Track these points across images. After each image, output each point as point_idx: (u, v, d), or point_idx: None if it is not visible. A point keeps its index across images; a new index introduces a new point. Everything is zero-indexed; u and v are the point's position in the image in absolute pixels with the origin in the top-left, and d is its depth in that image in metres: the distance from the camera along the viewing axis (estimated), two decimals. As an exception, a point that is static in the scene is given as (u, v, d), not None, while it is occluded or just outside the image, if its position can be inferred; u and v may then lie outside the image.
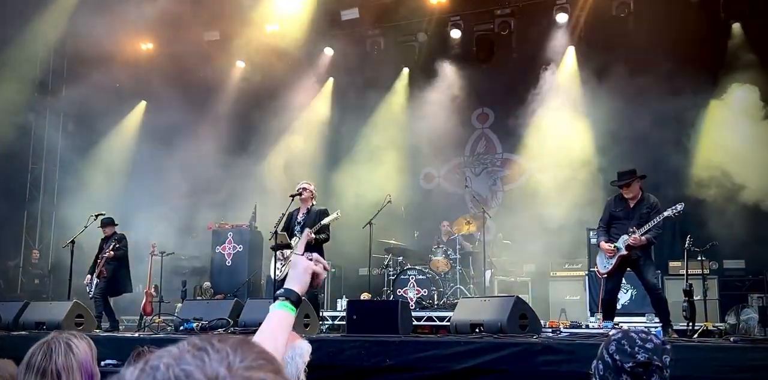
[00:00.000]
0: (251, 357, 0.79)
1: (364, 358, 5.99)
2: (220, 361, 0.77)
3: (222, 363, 0.76)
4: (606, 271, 7.31)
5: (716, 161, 10.00)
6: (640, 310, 9.28)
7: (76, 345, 2.44)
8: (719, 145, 10.17)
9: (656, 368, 1.95)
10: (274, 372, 0.79)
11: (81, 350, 2.44)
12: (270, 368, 0.79)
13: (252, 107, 13.94)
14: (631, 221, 7.16)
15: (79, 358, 2.42)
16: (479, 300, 7.92)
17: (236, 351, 0.79)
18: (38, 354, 2.39)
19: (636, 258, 7.08)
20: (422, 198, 12.79)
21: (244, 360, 0.77)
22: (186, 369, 0.75)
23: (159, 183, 13.32)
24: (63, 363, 2.37)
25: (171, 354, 0.78)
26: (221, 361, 0.77)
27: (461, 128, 12.96)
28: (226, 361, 0.77)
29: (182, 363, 0.76)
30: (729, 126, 10.20)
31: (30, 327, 8.01)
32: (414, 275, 10.53)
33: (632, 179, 7.19)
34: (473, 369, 5.60)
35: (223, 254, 12.34)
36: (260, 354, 0.80)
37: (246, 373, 0.76)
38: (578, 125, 11.59)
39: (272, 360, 0.81)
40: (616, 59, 10.87)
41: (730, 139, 10.11)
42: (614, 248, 7.18)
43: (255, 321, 7.21)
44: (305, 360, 2.82)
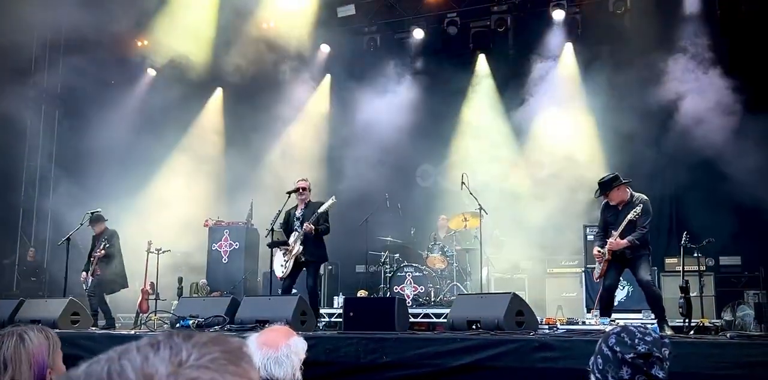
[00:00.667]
0: (212, 355, 0.71)
1: (360, 355, 5.98)
2: (167, 359, 0.69)
3: (168, 360, 0.69)
4: (598, 275, 7.38)
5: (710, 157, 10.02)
6: (636, 307, 9.29)
7: (29, 338, 2.45)
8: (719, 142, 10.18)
9: (656, 359, 1.95)
10: (234, 374, 0.70)
11: (34, 342, 2.45)
12: (231, 369, 0.71)
13: (248, 103, 13.91)
14: (619, 225, 7.16)
15: (30, 350, 2.42)
16: (476, 296, 7.92)
17: (195, 348, 0.71)
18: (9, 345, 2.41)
19: (631, 258, 7.09)
20: (419, 195, 12.77)
21: (200, 358, 0.70)
22: (123, 364, 0.69)
23: (155, 180, 13.30)
24: (11, 354, 2.39)
25: (123, 348, 0.72)
26: (168, 359, 0.69)
27: (458, 125, 12.95)
28: (176, 359, 0.69)
29: (124, 357, 0.70)
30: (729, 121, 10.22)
31: (25, 325, 7.98)
32: (410, 273, 10.54)
33: (609, 189, 7.19)
34: (470, 366, 5.60)
35: (220, 251, 12.32)
36: (226, 352, 0.73)
37: (195, 372, 0.69)
38: (576, 120, 11.59)
39: (238, 360, 0.73)
40: (613, 56, 10.88)
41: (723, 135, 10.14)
42: (601, 254, 7.25)
43: (251, 318, 7.21)
44: (301, 357, 2.81)
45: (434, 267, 10.62)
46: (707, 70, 10.46)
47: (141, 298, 10.36)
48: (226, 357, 0.72)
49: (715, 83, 10.30)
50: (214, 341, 0.74)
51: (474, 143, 12.85)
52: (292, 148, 13.59)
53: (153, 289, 10.83)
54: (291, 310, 7.03)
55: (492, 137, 12.53)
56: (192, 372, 0.69)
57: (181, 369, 0.69)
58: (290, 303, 7.25)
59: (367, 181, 12.36)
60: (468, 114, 13.01)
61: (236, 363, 0.72)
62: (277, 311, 7.11)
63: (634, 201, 7.16)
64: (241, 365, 0.72)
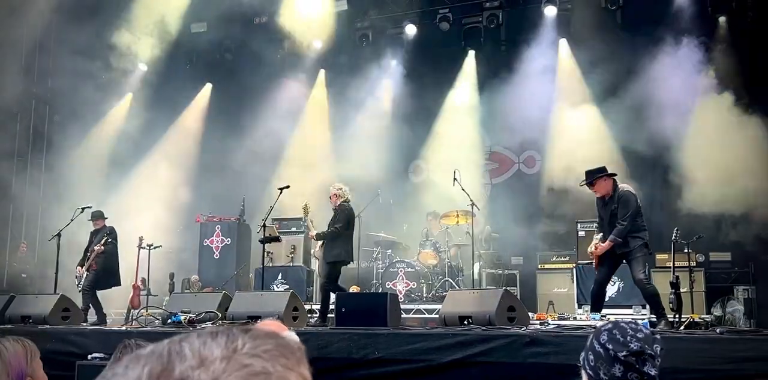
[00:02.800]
0: (266, 345, 0.75)
1: (353, 350, 5.99)
2: (223, 345, 0.74)
3: (224, 346, 0.74)
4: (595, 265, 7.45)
5: (704, 153, 10.07)
6: (627, 302, 9.34)
7: (5, 347, 2.48)
8: (707, 139, 10.23)
9: (648, 356, 1.95)
10: (284, 366, 0.75)
11: (10, 351, 2.47)
12: (282, 361, 0.75)
13: (241, 98, 13.87)
14: (605, 219, 7.21)
15: (7, 359, 2.44)
16: (468, 292, 7.94)
17: (251, 339, 0.76)
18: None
19: (626, 253, 7.09)
20: (411, 191, 12.78)
21: (256, 348, 0.75)
22: (182, 345, 0.74)
23: (146, 175, 13.25)
24: None
25: (186, 334, 0.78)
26: (224, 345, 0.74)
27: (450, 121, 12.96)
28: (232, 346, 0.74)
29: (185, 341, 0.75)
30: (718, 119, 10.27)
31: (16, 321, 7.96)
32: (403, 268, 10.55)
33: (594, 178, 7.19)
34: (462, 361, 5.62)
35: (211, 247, 12.29)
36: (279, 345, 0.77)
37: (247, 360, 0.73)
38: (567, 117, 11.62)
39: (290, 353, 0.77)
40: (605, 52, 10.89)
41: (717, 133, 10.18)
42: (590, 254, 7.38)
43: (243, 314, 7.20)
44: (293, 351, 2.82)
45: (426, 263, 10.63)
46: (699, 67, 10.52)
47: (132, 294, 10.33)
48: (279, 349, 0.76)
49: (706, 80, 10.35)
50: (270, 335, 0.79)
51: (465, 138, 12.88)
52: (285, 143, 13.56)
53: (144, 285, 10.80)
54: (283, 305, 7.03)
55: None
56: (245, 359, 0.73)
57: (236, 355, 0.73)
58: (282, 299, 7.25)
59: (359, 177, 12.36)
60: (458, 109, 13.03)
61: (288, 356, 0.77)
62: (269, 306, 7.11)
63: (616, 195, 7.17)
64: (291, 358, 0.77)
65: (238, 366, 0.72)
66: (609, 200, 7.20)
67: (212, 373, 0.71)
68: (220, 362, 0.72)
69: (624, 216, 7.01)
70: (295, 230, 11.73)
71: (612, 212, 7.10)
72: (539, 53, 11.99)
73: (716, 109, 10.34)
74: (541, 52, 12.00)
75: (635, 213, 7.08)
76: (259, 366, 0.73)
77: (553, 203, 11.70)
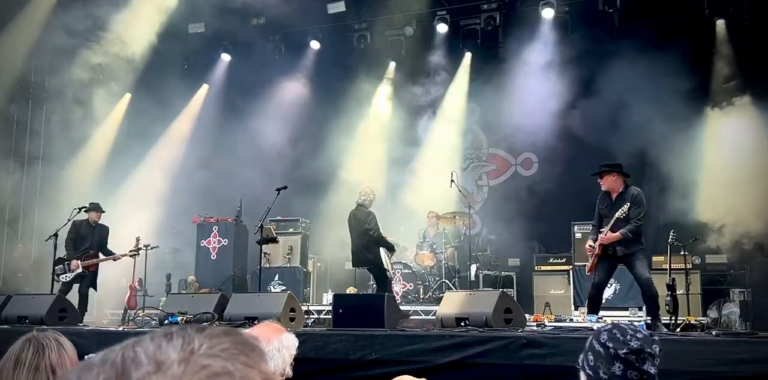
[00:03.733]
0: (223, 345, 0.73)
1: (350, 352, 5.99)
2: (179, 347, 0.72)
3: (180, 348, 0.72)
4: (588, 268, 7.40)
5: (703, 156, 10.11)
6: (623, 304, 9.36)
7: (64, 343, 2.48)
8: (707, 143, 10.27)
9: (648, 355, 1.97)
10: (244, 364, 0.72)
11: (68, 346, 2.50)
12: (242, 359, 0.73)
13: (237, 99, 13.87)
14: (608, 218, 7.15)
15: (70, 354, 2.46)
16: (465, 294, 7.94)
17: (207, 339, 0.73)
18: (28, 349, 2.42)
19: (627, 254, 7.08)
20: (408, 192, 12.79)
21: (213, 348, 0.72)
22: (137, 350, 0.72)
23: (143, 175, 13.24)
24: (56, 359, 2.41)
25: (138, 338, 0.75)
26: (180, 347, 0.72)
27: (447, 122, 12.98)
28: (189, 347, 0.72)
29: (138, 345, 0.73)
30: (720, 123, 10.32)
31: (12, 321, 7.94)
32: (400, 270, 10.57)
33: (606, 170, 7.18)
34: (458, 363, 5.63)
35: (208, 248, 12.29)
36: (236, 343, 0.74)
37: (205, 361, 0.71)
38: (565, 119, 11.64)
39: (249, 351, 0.75)
40: (602, 55, 10.92)
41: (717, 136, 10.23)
42: (591, 248, 7.25)
43: (240, 315, 7.20)
44: (292, 353, 2.82)
45: (423, 264, 10.65)
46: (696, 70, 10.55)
47: (129, 295, 10.33)
48: (237, 347, 0.74)
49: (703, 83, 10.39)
50: (226, 332, 0.76)
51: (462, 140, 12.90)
52: (282, 143, 13.56)
53: (141, 285, 10.80)
54: (280, 306, 7.03)
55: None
56: (203, 360, 0.71)
57: (193, 356, 0.71)
58: (279, 300, 7.25)
59: (356, 177, 12.37)
60: (456, 110, 13.06)
61: (247, 354, 0.74)
62: (266, 307, 7.11)
63: (627, 194, 7.17)
64: (251, 356, 0.74)
65: (197, 367, 0.70)
66: (618, 199, 7.17)
67: (171, 378, 0.69)
68: (178, 365, 0.70)
69: (638, 216, 7.01)
70: (293, 231, 11.75)
71: (622, 210, 7.07)
72: (537, 55, 12.02)
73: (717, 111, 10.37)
74: (539, 54, 12.02)
75: (645, 216, 7.10)
76: (219, 366, 0.71)
77: (550, 205, 11.72)
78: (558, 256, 10.80)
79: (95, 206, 9.82)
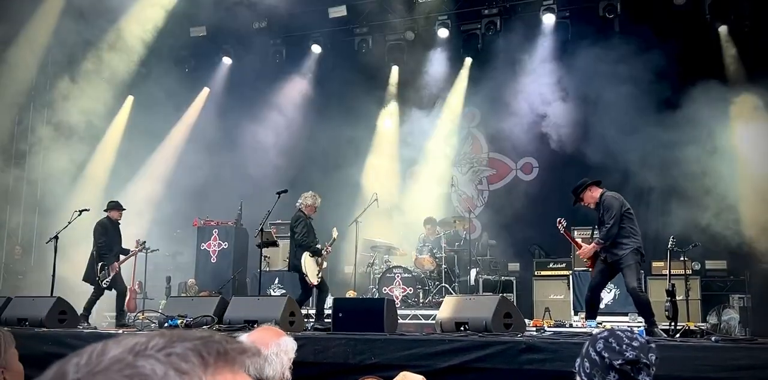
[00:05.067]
0: (173, 348, 0.69)
1: (349, 356, 6.00)
2: (131, 345, 0.69)
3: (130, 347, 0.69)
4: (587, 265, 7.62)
5: (703, 163, 10.11)
6: (623, 309, 9.36)
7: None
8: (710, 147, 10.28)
9: (644, 365, 1.98)
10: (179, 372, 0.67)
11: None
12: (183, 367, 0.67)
13: (238, 102, 13.89)
14: (598, 226, 7.34)
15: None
16: (464, 298, 7.95)
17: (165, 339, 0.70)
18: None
19: (616, 261, 7.13)
20: (408, 197, 12.81)
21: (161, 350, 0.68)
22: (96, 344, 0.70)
23: (144, 179, 13.25)
24: None
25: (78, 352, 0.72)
26: (132, 345, 0.69)
27: (448, 126, 13.00)
28: (141, 346, 0.69)
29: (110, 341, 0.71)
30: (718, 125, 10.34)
31: (12, 323, 7.93)
32: (400, 274, 10.56)
33: (579, 194, 7.32)
34: (458, 367, 5.63)
35: (208, 251, 12.29)
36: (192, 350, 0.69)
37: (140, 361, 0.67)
38: (565, 124, 11.66)
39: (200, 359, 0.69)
40: (602, 60, 10.93)
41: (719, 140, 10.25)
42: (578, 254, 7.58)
43: (240, 318, 7.20)
44: (290, 356, 2.83)
45: (423, 269, 10.65)
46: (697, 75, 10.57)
47: (129, 297, 10.32)
48: (188, 353, 0.69)
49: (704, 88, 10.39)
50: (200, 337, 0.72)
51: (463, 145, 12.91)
52: (282, 147, 13.58)
53: (141, 288, 10.80)
54: (280, 310, 7.03)
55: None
56: (139, 361, 0.68)
57: (131, 356, 0.68)
58: (279, 304, 7.25)
59: (356, 182, 12.39)
60: (456, 115, 13.08)
61: (192, 362, 0.69)
62: (265, 311, 7.11)
63: (602, 201, 7.23)
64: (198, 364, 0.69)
65: (122, 365, 0.67)
66: (597, 208, 7.29)
67: (86, 368, 0.67)
68: (109, 361, 0.67)
69: (608, 219, 7.08)
70: (292, 234, 11.74)
71: (600, 218, 7.19)
72: (537, 60, 12.05)
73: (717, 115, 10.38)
74: (540, 59, 12.05)
75: (620, 217, 7.08)
76: (148, 368, 0.67)
77: (550, 209, 11.72)
78: (558, 261, 10.80)
79: (116, 204, 9.82)
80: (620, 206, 7.12)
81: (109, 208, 9.73)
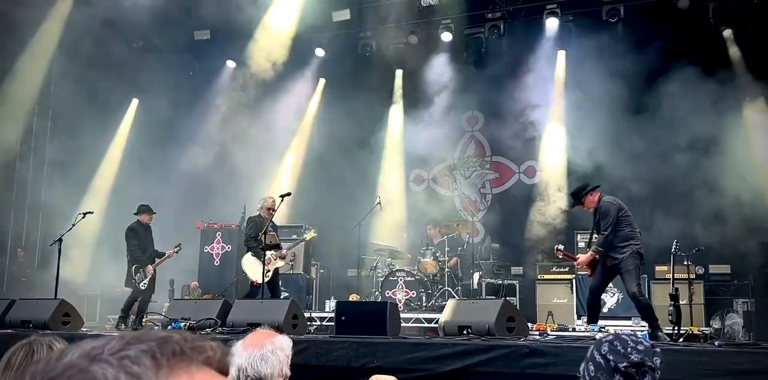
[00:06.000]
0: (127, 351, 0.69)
1: (352, 359, 5.99)
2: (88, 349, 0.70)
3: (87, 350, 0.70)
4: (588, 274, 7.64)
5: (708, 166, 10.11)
6: (626, 314, 9.35)
7: (57, 348, 2.47)
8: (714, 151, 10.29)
9: (649, 369, 1.98)
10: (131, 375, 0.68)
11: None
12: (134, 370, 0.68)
13: (242, 106, 13.91)
14: (594, 231, 7.36)
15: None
16: (467, 302, 7.93)
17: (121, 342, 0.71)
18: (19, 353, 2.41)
19: (615, 264, 7.13)
20: (412, 200, 12.82)
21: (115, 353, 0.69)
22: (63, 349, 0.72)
23: (148, 182, 13.26)
24: None
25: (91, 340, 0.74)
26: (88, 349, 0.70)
27: (451, 130, 13.01)
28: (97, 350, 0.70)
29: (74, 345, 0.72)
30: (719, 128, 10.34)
31: (16, 325, 7.95)
32: (402, 277, 10.56)
33: (580, 197, 7.30)
34: (461, 371, 5.62)
35: (212, 253, 12.30)
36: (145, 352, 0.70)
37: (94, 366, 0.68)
38: (567, 128, 11.66)
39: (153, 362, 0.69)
40: (605, 64, 10.94)
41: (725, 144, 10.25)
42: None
43: (243, 321, 7.19)
44: (287, 353, 2.84)
45: (426, 272, 10.64)
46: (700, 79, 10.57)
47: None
48: (141, 356, 0.70)
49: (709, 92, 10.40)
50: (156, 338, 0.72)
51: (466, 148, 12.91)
52: (287, 151, 13.60)
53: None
54: (283, 313, 7.03)
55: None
56: (93, 365, 0.68)
57: (83, 359, 0.69)
58: (282, 307, 7.25)
59: (360, 185, 12.40)
60: (459, 120, 13.09)
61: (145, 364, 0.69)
62: (268, 314, 7.11)
63: (600, 206, 7.23)
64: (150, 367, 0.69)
65: (75, 371, 0.68)
66: (595, 213, 7.30)
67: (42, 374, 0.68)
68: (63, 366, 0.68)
69: (605, 226, 7.08)
70: (296, 237, 11.74)
71: (595, 223, 7.19)
72: (540, 64, 12.06)
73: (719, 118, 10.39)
74: (543, 63, 12.06)
75: (616, 223, 7.08)
76: (100, 373, 0.68)
77: (552, 213, 11.72)
78: (561, 265, 10.79)
79: (147, 208, 9.93)
80: (616, 211, 7.12)
81: (139, 211, 9.88)
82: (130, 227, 9.78)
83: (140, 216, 9.83)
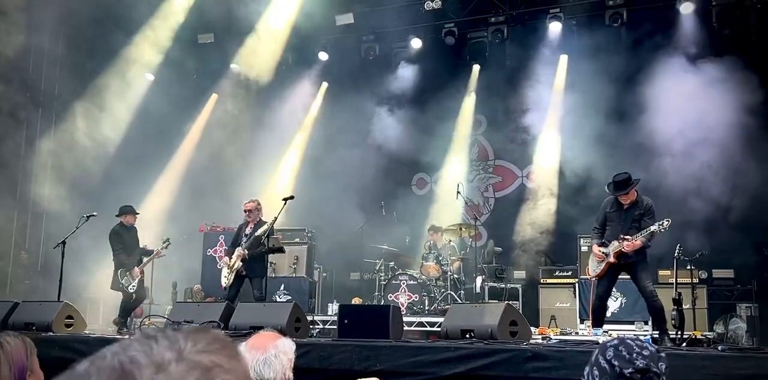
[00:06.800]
0: (204, 341, 0.79)
1: (354, 362, 5.99)
2: (169, 347, 0.77)
3: (170, 348, 0.77)
4: (595, 274, 7.34)
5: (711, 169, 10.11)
6: (629, 318, 9.34)
7: (7, 342, 2.58)
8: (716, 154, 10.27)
9: (654, 374, 1.98)
10: (228, 356, 0.80)
11: (12, 345, 2.58)
12: (225, 352, 0.80)
13: (245, 109, 13.95)
14: (623, 223, 7.10)
15: (9, 353, 2.55)
16: (470, 306, 7.94)
17: (187, 338, 0.79)
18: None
19: (631, 263, 7.06)
20: (414, 204, 12.82)
21: (196, 345, 0.78)
22: (131, 355, 0.76)
23: (151, 185, 13.30)
24: None
25: (121, 343, 0.80)
26: (170, 347, 0.77)
27: (454, 134, 13.02)
28: (176, 346, 0.77)
29: (129, 350, 0.77)
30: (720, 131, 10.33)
31: (19, 328, 7.95)
32: (405, 281, 10.55)
33: (626, 188, 7.12)
34: (463, 375, 5.62)
35: (215, 256, 12.29)
36: (215, 339, 0.81)
37: (196, 357, 0.77)
38: (570, 132, 11.66)
39: (227, 344, 0.82)
40: (608, 68, 10.95)
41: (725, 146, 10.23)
42: (603, 254, 7.18)
43: (246, 324, 7.20)
44: (290, 356, 2.84)
45: (429, 276, 10.64)
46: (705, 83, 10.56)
47: (135, 303, 10.33)
48: (218, 342, 0.81)
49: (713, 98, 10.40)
50: (202, 330, 0.82)
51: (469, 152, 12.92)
52: (288, 154, 13.62)
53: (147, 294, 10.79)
54: (285, 316, 7.03)
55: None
56: (194, 357, 0.77)
57: (184, 354, 0.77)
58: (285, 310, 7.25)
59: (363, 189, 12.40)
60: (462, 122, 13.10)
61: (227, 346, 0.81)
62: (271, 317, 7.11)
63: (641, 202, 7.13)
64: (231, 348, 0.82)
65: (192, 364, 0.76)
66: (632, 207, 7.13)
67: (173, 375, 0.74)
68: (176, 364, 0.75)
69: (650, 220, 6.96)
70: (299, 241, 11.77)
71: (634, 218, 7.04)
72: (543, 68, 12.07)
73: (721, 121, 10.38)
74: (545, 67, 12.08)
75: None
76: (208, 360, 0.77)
77: (555, 217, 11.72)
78: (564, 269, 10.78)
79: (129, 208, 9.84)
80: None
81: (121, 213, 9.76)
82: (113, 230, 9.68)
83: (123, 218, 9.71)
